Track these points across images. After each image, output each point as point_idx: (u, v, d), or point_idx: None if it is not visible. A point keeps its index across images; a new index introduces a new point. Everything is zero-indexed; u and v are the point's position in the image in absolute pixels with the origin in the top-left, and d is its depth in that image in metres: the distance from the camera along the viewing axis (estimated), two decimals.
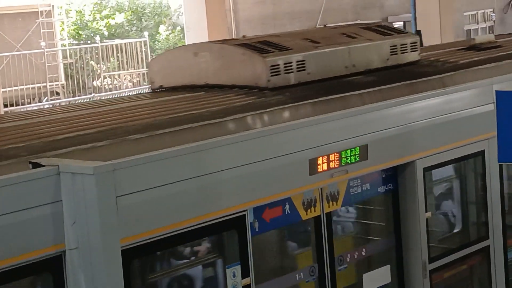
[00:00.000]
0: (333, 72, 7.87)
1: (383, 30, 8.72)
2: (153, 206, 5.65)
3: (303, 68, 7.60)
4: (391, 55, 8.44)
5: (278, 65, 7.42)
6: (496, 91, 6.49)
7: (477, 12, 30.76)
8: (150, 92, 8.12)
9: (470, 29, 29.67)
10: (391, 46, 8.45)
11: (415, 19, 21.57)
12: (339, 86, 7.68)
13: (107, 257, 5.28)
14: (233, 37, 25.20)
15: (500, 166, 8.42)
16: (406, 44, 8.58)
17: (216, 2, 19.98)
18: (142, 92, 17.83)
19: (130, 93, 19.94)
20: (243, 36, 8.77)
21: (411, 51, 8.64)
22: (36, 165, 5.35)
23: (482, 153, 8.32)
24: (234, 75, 7.52)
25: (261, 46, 7.60)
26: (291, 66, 7.51)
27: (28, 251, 5.17)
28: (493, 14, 31.22)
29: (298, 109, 7.09)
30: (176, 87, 7.84)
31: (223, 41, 8.10)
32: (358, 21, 28.79)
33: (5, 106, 19.76)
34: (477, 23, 30.68)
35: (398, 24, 30.99)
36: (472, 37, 12.21)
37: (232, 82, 7.52)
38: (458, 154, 8.12)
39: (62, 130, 6.18)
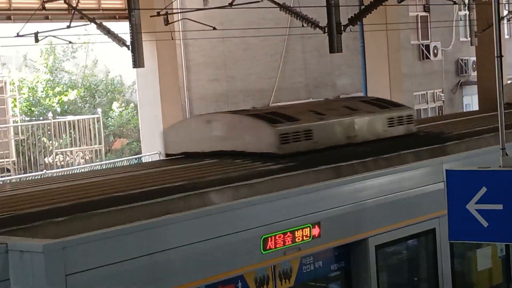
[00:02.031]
0: None
1: None
2: (103, 285, 5.56)
3: None
4: None
5: None
6: (446, 170, 6.56)
7: (426, 92, 31.36)
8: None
9: (420, 109, 30.18)
10: None
11: None
12: None
13: None
14: (187, 115, 25.27)
15: (451, 244, 8.47)
16: None
17: (169, 79, 20.08)
18: None
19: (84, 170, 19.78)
20: None
21: None
22: None
23: (433, 231, 8.37)
24: None
25: None
26: None
27: None
28: (442, 94, 31.85)
29: None
30: None
31: None
32: (311, 99, 29.14)
33: None
34: (427, 103, 31.25)
35: None
36: None
37: None
38: (410, 232, 8.16)
39: None
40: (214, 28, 15.58)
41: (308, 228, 7.05)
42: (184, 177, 7.42)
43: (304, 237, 7.02)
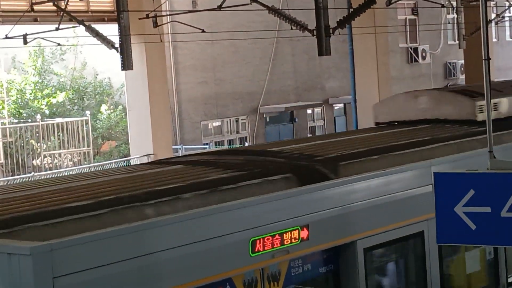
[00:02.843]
0: None
1: None
2: (91, 287, 5.54)
3: None
4: None
5: None
6: (434, 173, 6.56)
7: None
8: None
9: None
10: None
11: (355, 101, 21.96)
12: None
13: None
14: (176, 117, 25.25)
15: (440, 247, 8.48)
16: None
17: (158, 82, 20.06)
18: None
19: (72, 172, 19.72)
20: None
21: None
22: None
23: (421, 234, 8.39)
24: None
25: None
26: None
27: None
28: None
29: None
30: None
31: None
32: (300, 102, 29.18)
33: None
34: None
35: (338, 106, 31.49)
36: None
37: None
38: (398, 235, 8.18)
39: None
40: (203, 31, 15.57)
41: (297, 230, 7.05)
42: (420, 135, 9.67)
43: (293, 239, 7.02)
